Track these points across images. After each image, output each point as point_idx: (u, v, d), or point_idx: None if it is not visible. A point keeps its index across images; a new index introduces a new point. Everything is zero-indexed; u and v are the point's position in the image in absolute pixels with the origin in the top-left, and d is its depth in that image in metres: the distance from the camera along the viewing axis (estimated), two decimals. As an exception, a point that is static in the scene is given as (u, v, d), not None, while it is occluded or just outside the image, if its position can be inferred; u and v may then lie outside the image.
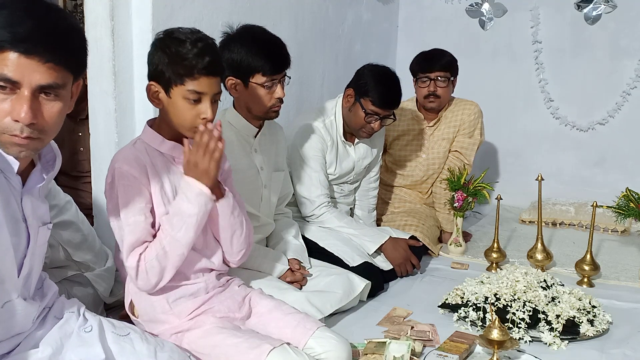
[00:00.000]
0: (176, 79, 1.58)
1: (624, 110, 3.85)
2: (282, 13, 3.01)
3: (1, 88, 1.12)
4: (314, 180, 2.60)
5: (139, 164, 1.62)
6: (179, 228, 1.60)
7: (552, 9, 3.92)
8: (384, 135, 2.97)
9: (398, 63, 4.19)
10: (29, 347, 1.35)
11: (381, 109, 2.56)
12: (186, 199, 1.61)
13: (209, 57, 1.58)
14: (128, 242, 1.60)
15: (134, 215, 1.60)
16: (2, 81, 1.11)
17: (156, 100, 1.65)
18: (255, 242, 2.23)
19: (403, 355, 1.76)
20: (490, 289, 2.18)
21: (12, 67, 1.10)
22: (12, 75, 1.11)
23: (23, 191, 1.28)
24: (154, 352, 1.43)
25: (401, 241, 2.67)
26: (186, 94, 1.59)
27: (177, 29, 1.63)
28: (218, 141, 1.61)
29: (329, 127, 2.67)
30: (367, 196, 2.98)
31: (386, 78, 2.59)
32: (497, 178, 4.18)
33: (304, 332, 1.71)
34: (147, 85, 1.65)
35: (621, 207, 2.71)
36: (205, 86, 1.60)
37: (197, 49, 1.57)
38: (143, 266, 1.60)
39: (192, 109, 1.61)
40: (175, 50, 1.57)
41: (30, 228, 1.31)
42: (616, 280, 2.71)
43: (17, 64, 1.10)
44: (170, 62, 1.58)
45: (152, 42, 1.65)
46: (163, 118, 1.68)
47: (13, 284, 1.28)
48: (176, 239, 1.60)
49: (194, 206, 1.61)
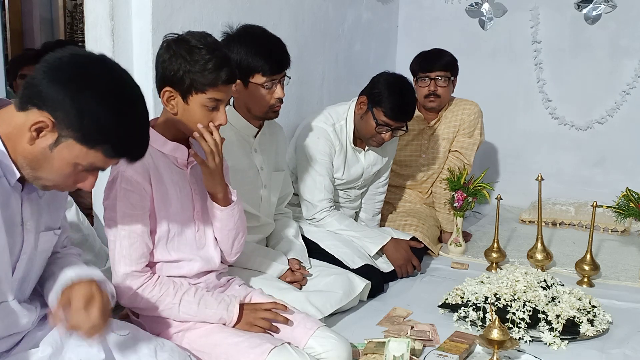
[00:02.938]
0: (197, 88, 1.60)
1: (624, 110, 3.85)
2: (282, 13, 3.00)
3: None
4: (318, 184, 2.59)
5: (143, 168, 1.62)
6: (194, 313, 1.67)
7: (552, 9, 3.92)
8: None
9: (398, 63, 4.19)
10: (29, 347, 1.35)
11: (393, 121, 2.51)
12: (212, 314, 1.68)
13: (227, 67, 1.62)
14: (121, 248, 1.61)
15: (131, 220, 1.60)
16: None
17: (170, 104, 1.64)
18: (255, 242, 2.23)
19: (403, 355, 1.76)
20: (490, 289, 2.18)
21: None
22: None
23: (22, 194, 1.29)
24: (155, 351, 1.43)
25: (403, 242, 2.67)
26: (206, 102, 1.62)
27: (188, 34, 1.63)
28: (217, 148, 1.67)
29: (339, 132, 2.64)
30: (374, 200, 2.95)
31: (400, 89, 2.52)
32: (497, 178, 4.18)
33: (305, 331, 1.71)
34: (163, 90, 1.64)
35: (621, 207, 2.71)
36: (224, 94, 1.64)
37: (217, 59, 1.60)
38: (139, 297, 1.62)
39: (208, 115, 1.64)
40: (197, 58, 1.58)
41: (26, 232, 1.30)
42: (616, 280, 2.71)
43: None
44: (191, 70, 1.58)
45: (165, 47, 1.63)
46: (169, 120, 1.68)
47: (8, 286, 1.29)
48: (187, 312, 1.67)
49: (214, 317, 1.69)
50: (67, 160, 1.22)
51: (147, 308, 1.65)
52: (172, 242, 1.70)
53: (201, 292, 1.69)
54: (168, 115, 1.68)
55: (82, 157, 1.22)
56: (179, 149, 1.70)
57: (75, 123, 1.18)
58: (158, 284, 1.64)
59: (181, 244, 1.72)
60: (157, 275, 1.66)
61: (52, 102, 1.17)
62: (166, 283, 1.65)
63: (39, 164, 1.23)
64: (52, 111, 1.17)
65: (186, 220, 1.72)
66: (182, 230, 1.71)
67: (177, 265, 1.72)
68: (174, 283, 1.66)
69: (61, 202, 1.45)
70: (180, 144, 1.70)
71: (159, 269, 1.70)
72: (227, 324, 1.68)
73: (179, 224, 1.70)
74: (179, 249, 1.71)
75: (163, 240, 1.68)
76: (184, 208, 1.71)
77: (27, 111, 1.19)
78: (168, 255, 1.69)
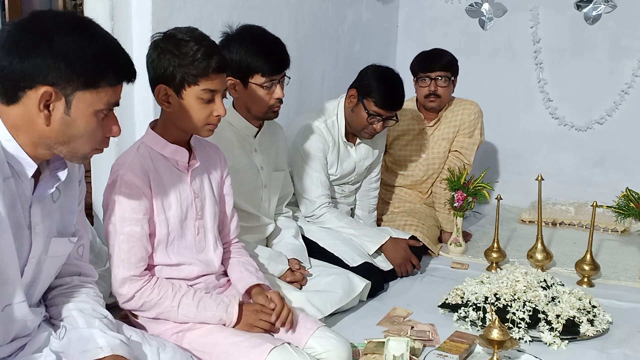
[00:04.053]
0: (189, 80, 1.59)
1: (624, 110, 3.85)
2: (282, 13, 3.01)
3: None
4: (315, 181, 2.60)
5: (143, 172, 1.61)
6: (193, 315, 1.66)
7: (552, 9, 3.92)
8: (385, 136, 2.96)
9: (398, 63, 4.18)
10: (32, 352, 1.33)
11: (384, 110, 2.56)
12: (212, 316, 1.67)
13: (217, 55, 1.61)
14: (119, 252, 1.60)
15: (130, 225, 1.59)
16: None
17: (166, 103, 1.64)
18: (255, 242, 2.23)
19: (403, 354, 1.76)
20: (490, 288, 2.18)
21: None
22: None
23: (33, 197, 1.26)
24: (157, 352, 1.43)
25: (401, 241, 2.67)
26: (200, 93, 1.60)
27: (174, 29, 1.63)
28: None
29: (331, 128, 2.66)
30: (368, 196, 2.98)
31: (389, 79, 2.58)
32: (497, 178, 4.18)
33: (304, 331, 1.71)
34: (157, 88, 1.63)
35: (621, 207, 2.71)
36: (218, 84, 1.62)
37: (205, 48, 1.59)
38: (138, 300, 1.62)
39: (205, 108, 1.63)
40: (185, 51, 1.58)
41: (35, 236, 1.28)
42: (616, 280, 2.71)
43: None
44: (181, 63, 1.58)
45: (153, 46, 1.63)
46: (169, 120, 1.67)
47: (15, 288, 1.27)
48: (184, 314, 1.66)
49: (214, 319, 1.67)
50: (86, 112, 1.22)
51: (146, 311, 1.65)
52: (172, 246, 1.69)
53: (200, 294, 1.68)
54: (166, 115, 1.67)
55: (97, 100, 1.22)
56: (179, 151, 1.69)
57: (71, 73, 1.17)
58: (157, 287, 1.63)
59: (181, 248, 1.71)
60: (156, 278, 1.66)
61: (37, 72, 1.15)
62: (165, 286, 1.65)
63: (66, 135, 1.22)
64: (44, 79, 1.16)
65: (186, 224, 1.72)
66: (182, 233, 1.71)
67: (177, 268, 1.71)
68: (172, 285, 1.66)
69: (73, 205, 1.42)
70: (181, 146, 1.69)
71: (158, 271, 1.69)
72: (227, 325, 1.68)
73: (179, 227, 1.70)
74: (179, 252, 1.71)
75: (163, 244, 1.67)
76: (184, 211, 1.70)
77: (21, 99, 1.17)
78: (168, 258, 1.69)
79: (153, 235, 1.66)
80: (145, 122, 2.25)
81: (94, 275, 1.54)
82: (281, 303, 1.71)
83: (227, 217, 1.89)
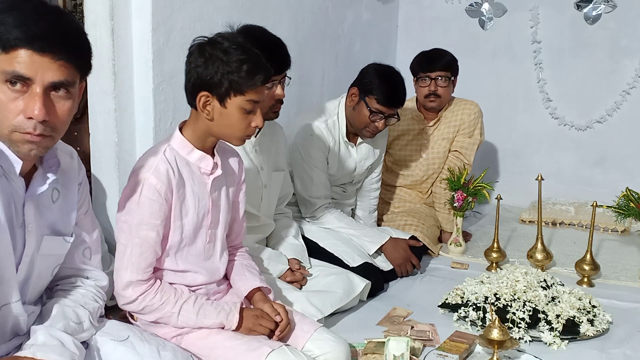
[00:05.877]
0: (237, 89, 1.58)
1: (624, 110, 3.85)
2: (282, 13, 3.00)
3: (12, 84, 1.13)
4: (315, 181, 2.60)
5: (167, 178, 1.59)
6: (193, 322, 1.65)
7: (552, 9, 3.92)
8: (386, 136, 2.96)
9: (398, 63, 4.17)
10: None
11: (386, 107, 2.56)
12: (210, 324, 1.66)
13: (266, 68, 1.62)
14: (130, 255, 1.59)
15: (146, 229, 1.58)
16: (14, 78, 1.12)
17: (206, 110, 1.61)
18: (255, 242, 2.23)
19: (403, 354, 1.76)
20: (490, 288, 2.18)
21: (24, 65, 1.12)
22: (25, 72, 1.12)
23: (26, 196, 1.26)
24: (157, 351, 1.43)
25: (401, 241, 2.67)
26: (244, 104, 1.59)
27: (219, 36, 1.62)
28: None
29: (332, 128, 2.66)
30: (369, 197, 2.98)
31: (391, 76, 2.58)
32: (497, 178, 4.18)
33: (302, 334, 1.71)
34: (199, 95, 1.60)
35: (621, 207, 2.71)
36: (262, 95, 1.63)
37: (254, 58, 1.59)
38: (139, 303, 1.61)
39: (245, 118, 1.62)
40: (235, 59, 1.56)
41: (28, 234, 1.28)
42: (616, 280, 2.71)
43: (30, 62, 1.12)
44: (231, 72, 1.56)
45: (199, 51, 1.59)
46: (203, 126, 1.64)
47: (12, 287, 1.27)
48: (183, 321, 1.65)
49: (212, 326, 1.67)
50: None
51: (147, 314, 1.64)
52: (182, 252, 1.69)
53: (201, 300, 1.67)
54: (200, 121, 1.64)
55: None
56: (204, 159, 1.67)
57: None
58: (159, 291, 1.63)
59: (190, 255, 1.70)
60: (159, 283, 1.65)
61: None
62: (167, 291, 1.64)
63: None
64: None
65: (199, 231, 1.71)
66: (193, 240, 1.70)
67: (182, 275, 1.70)
68: (174, 291, 1.65)
69: (72, 207, 1.41)
70: (207, 153, 1.68)
71: (163, 275, 1.69)
72: (227, 330, 1.68)
73: (192, 234, 1.69)
74: (187, 259, 1.70)
75: (173, 249, 1.67)
76: (200, 219, 1.69)
77: None
78: (175, 265, 1.68)
79: (165, 239, 1.64)
80: (145, 122, 2.26)
81: (102, 281, 1.52)
82: (287, 318, 1.70)
83: (237, 223, 1.88)
